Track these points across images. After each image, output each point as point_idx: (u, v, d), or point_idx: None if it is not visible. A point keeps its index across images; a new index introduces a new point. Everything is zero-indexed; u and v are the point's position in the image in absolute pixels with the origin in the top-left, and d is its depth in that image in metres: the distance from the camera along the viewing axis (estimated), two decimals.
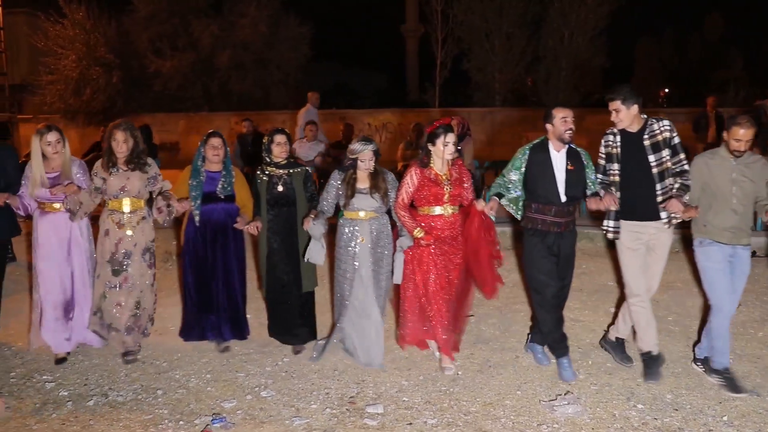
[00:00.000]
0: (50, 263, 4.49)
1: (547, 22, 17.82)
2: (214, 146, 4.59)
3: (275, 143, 4.60)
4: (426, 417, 3.74)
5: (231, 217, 4.65)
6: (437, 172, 4.33)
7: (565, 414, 3.75)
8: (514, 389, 4.10)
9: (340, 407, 3.86)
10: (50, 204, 4.47)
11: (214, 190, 4.60)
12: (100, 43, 17.89)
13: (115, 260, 4.48)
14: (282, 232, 4.62)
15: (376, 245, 4.43)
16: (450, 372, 4.29)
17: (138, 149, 4.54)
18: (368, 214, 4.40)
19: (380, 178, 4.42)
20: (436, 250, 4.34)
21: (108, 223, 4.51)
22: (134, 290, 4.53)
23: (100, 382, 4.19)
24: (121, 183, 4.47)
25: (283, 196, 4.60)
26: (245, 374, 4.32)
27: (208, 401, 3.92)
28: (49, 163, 4.47)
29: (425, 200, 4.36)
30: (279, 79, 19.23)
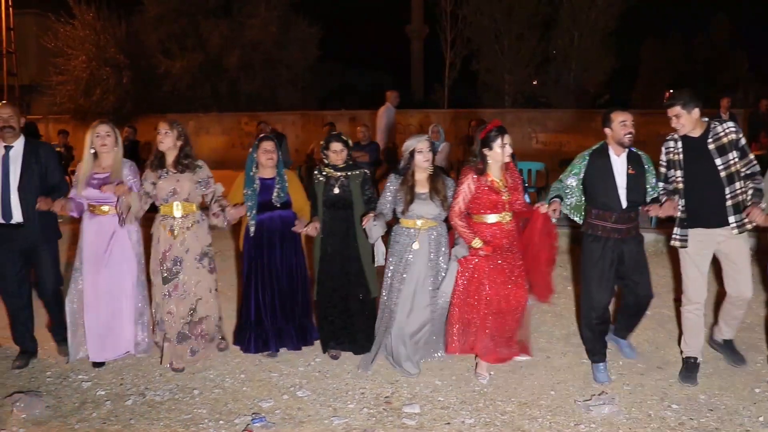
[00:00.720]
0: (95, 267, 4.38)
1: (556, 23, 17.84)
2: (267, 150, 4.45)
3: (331, 150, 4.50)
4: (463, 417, 3.76)
5: (287, 225, 4.54)
6: (494, 178, 4.17)
7: (602, 414, 3.77)
8: (548, 389, 4.12)
9: (376, 407, 3.88)
10: (99, 206, 4.39)
11: (270, 198, 4.47)
12: (110, 43, 17.97)
13: (165, 268, 4.36)
14: (337, 235, 4.50)
15: (436, 255, 4.29)
16: (484, 380, 4.22)
17: (186, 150, 4.41)
18: (427, 222, 4.25)
19: (440, 180, 4.27)
20: (492, 261, 4.17)
21: (159, 230, 4.40)
22: (188, 298, 4.38)
23: (136, 382, 4.21)
24: (171, 186, 4.34)
25: (340, 199, 4.48)
26: (279, 374, 4.34)
27: (245, 401, 3.94)
28: (100, 163, 4.39)
29: (482, 208, 4.18)
30: (288, 79, 19.27)
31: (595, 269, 4.22)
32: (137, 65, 18.35)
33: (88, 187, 4.35)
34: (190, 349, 4.44)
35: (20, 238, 4.33)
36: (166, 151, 4.39)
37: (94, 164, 4.38)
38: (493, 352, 4.23)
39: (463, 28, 18.73)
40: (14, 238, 4.32)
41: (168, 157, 4.41)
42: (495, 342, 4.22)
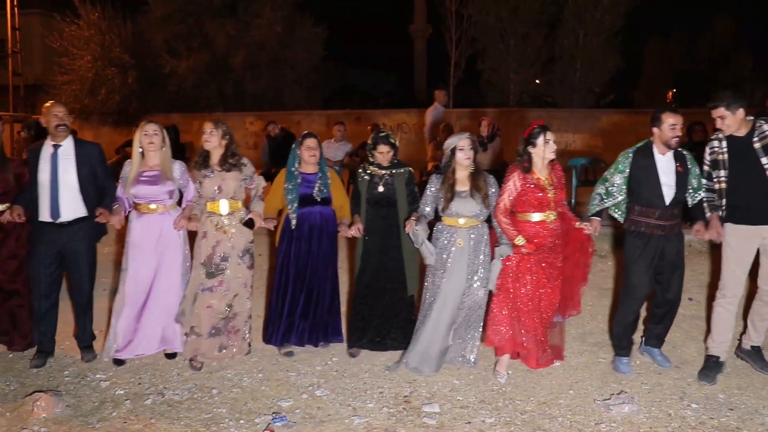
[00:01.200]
0: (141, 265, 4.40)
1: (562, 22, 17.81)
2: (310, 147, 4.49)
3: (378, 151, 4.50)
4: (483, 416, 3.76)
5: (327, 221, 4.56)
6: (539, 176, 4.18)
7: (622, 413, 3.76)
8: (566, 389, 4.12)
9: (396, 406, 3.88)
10: (146, 204, 4.39)
11: (311, 192, 4.50)
12: (115, 43, 17.95)
13: (212, 263, 4.38)
14: (380, 233, 4.51)
15: (476, 254, 4.25)
16: (502, 379, 4.23)
17: (232, 148, 4.41)
18: (468, 221, 4.22)
19: (481, 178, 4.24)
20: (536, 259, 4.18)
21: (206, 226, 4.40)
22: (228, 293, 4.42)
23: (154, 381, 4.21)
24: (216, 184, 4.36)
25: (384, 197, 4.49)
26: (296, 373, 4.34)
27: (264, 400, 3.94)
28: (147, 161, 4.39)
29: (527, 206, 4.19)
30: (293, 79, 19.26)
31: (637, 264, 4.26)
32: (142, 65, 18.32)
33: (136, 185, 4.35)
34: (220, 345, 4.46)
35: (63, 238, 4.31)
36: (212, 150, 4.40)
37: (142, 163, 4.39)
38: (534, 353, 4.28)
39: (468, 27, 18.70)
40: (56, 237, 4.30)
41: (213, 155, 4.41)
42: (537, 344, 4.27)
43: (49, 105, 4.36)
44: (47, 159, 4.28)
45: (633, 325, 4.43)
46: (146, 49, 18.66)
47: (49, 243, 4.31)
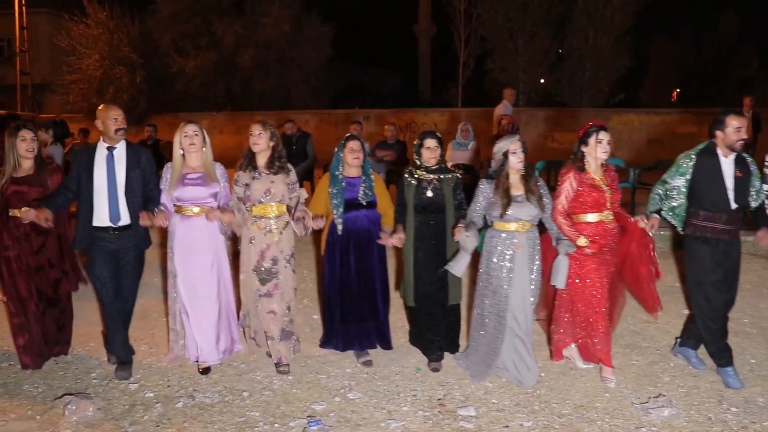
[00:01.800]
0: (189, 268, 4.28)
1: (571, 21, 17.74)
2: (353, 149, 4.35)
3: (425, 147, 4.35)
4: (520, 419, 3.70)
5: (373, 225, 4.43)
6: (593, 176, 4.11)
7: (661, 417, 3.70)
8: (602, 392, 4.06)
9: (431, 409, 3.83)
10: (189, 207, 4.26)
11: (356, 196, 4.38)
12: (123, 42, 17.94)
13: (262, 268, 4.29)
14: (428, 239, 4.37)
15: (532, 258, 4.14)
16: (611, 384, 4.12)
17: (279, 150, 4.32)
18: (524, 224, 4.07)
19: (533, 180, 4.13)
20: (595, 259, 4.12)
21: (253, 230, 4.29)
22: (285, 296, 4.36)
23: (183, 384, 4.16)
24: (265, 187, 4.25)
25: (432, 202, 4.34)
26: (327, 376, 4.28)
27: (297, 403, 3.89)
28: (188, 163, 4.28)
29: (584, 207, 4.12)
30: (300, 78, 19.21)
31: (713, 274, 4.13)
32: (150, 64, 18.31)
33: (179, 188, 4.24)
34: (293, 348, 4.46)
35: (115, 243, 4.19)
36: (259, 153, 4.29)
37: (183, 164, 4.28)
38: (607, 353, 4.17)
39: (477, 26, 18.63)
40: (109, 243, 4.18)
41: (260, 158, 4.31)
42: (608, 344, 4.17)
43: (103, 108, 4.19)
44: (102, 162, 4.14)
45: (724, 331, 4.23)
46: (154, 48, 18.65)
47: (105, 247, 4.18)
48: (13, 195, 4.22)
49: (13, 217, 4.23)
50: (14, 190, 4.22)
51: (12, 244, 4.26)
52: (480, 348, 4.25)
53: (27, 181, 4.25)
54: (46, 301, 4.37)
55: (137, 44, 18.25)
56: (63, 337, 4.54)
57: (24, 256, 4.26)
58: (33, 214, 4.07)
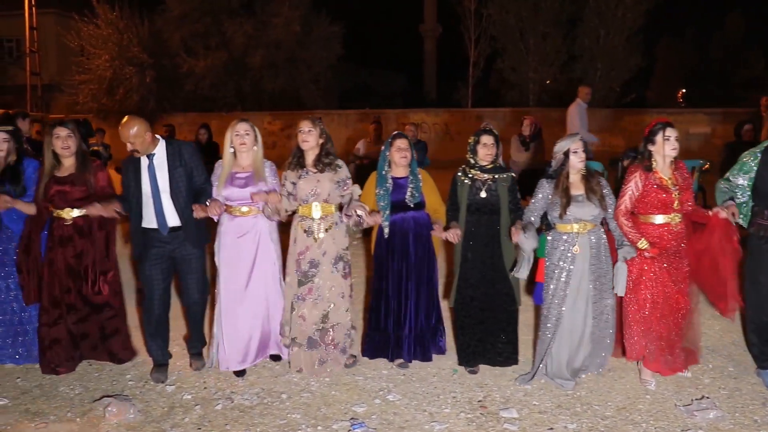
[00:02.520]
0: (237, 270, 4.22)
1: (583, 21, 17.70)
2: (401, 148, 4.25)
3: (481, 144, 4.21)
4: (564, 422, 3.67)
5: (421, 227, 4.33)
6: (662, 176, 4.00)
7: (707, 419, 3.66)
8: (642, 393, 4.02)
9: (472, 411, 3.79)
10: (238, 207, 4.20)
11: (403, 198, 4.27)
12: (133, 42, 17.94)
13: (300, 270, 4.21)
14: (481, 241, 4.24)
15: (597, 259, 4.03)
16: (651, 386, 4.08)
17: (328, 147, 4.23)
18: (586, 225, 3.98)
19: (594, 180, 4.03)
20: (660, 264, 4.02)
21: (297, 231, 4.24)
22: (320, 302, 4.20)
23: (220, 386, 4.12)
24: (311, 186, 4.16)
25: (486, 203, 4.21)
26: (363, 378, 4.24)
27: (337, 405, 3.85)
28: (239, 162, 4.21)
29: (650, 207, 4.01)
30: (310, 78, 19.19)
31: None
32: (160, 64, 18.30)
33: (228, 187, 4.18)
34: (319, 359, 4.25)
35: (171, 244, 4.15)
36: (308, 150, 4.21)
37: (234, 163, 4.22)
38: (658, 359, 4.08)
39: (488, 26, 18.60)
40: (164, 244, 4.13)
41: (308, 156, 4.22)
42: (659, 348, 4.07)
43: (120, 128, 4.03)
44: (146, 170, 4.08)
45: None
46: (164, 48, 18.64)
47: (158, 249, 4.14)
48: (56, 195, 4.16)
49: (57, 218, 4.20)
50: (57, 190, 4.15)
51: (54, 245, 4.21)
52: (557, 352, 4.13)
53: (69, 181, 4.17)
54: (90, 306, 4.30)
55: (147, 44, 18.25)
56: (115, 344, 4.40)
57: (66, 258, 4.21)
58: (99, 207, 4.04)
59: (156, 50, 18.37)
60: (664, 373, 4.15)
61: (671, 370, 4.17)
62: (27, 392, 4.04)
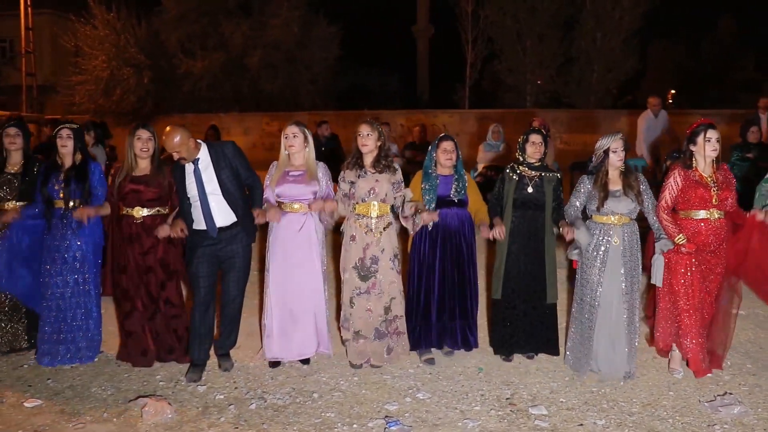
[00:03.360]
0: (285, 265, 4.35)
1: (580, 23, 17.85)
2: (446, 150, 4.42)
3: (530, 142, 4.45)
4: (593, 418, 3.74)
5: (463, 223, 4.48)
6: (701, 173, 4.18)
7: (731, 414, 3.75)
8: (665, 390, 4.11)
9: (502, 408, 3.86)
10: (290, 204, 4.33)
11: (448, 193, 4.44)
12: (130, 43, 17.87)
13: (363, 266, 4.36)
14: (524, 235, 4.44)
15: (630, 251, 4.21)
16: (679, 375, 4.27)
17: (385, 149, 4.39)
18: (622, 218, 4.19)
19: (632, 176, 4.23)
20: (696, 259, 4.16)
21: (354, 228, 4.38)
22: (383, 296, 4.38)
23: (251, 386, 4.17)
24: (370, 186, 4.33)
25: (533, 199, 4.42)
26: (391, 376, 4.31)
27: (369, 404, 3.91)
28: (293, 161, 4.36)
29: (689, 203, 4.18)
30: (308, 79, 19.20)
31: None
32: (158, 65, 18.24)
33: (282, 184, 4.33)
34: (387, 347, 4.44)
35: (219, 242, 4.22)
36: (367, 153, 4.37)
37: (288, 163, 4.38)
38: (697, 354, 4.20)
39: (485, 27, 18.69)
40: (213, 242, 4.21)
41: (367, 157, 4.39)
42: (699, 345, 4.20)
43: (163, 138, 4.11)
44: (191, 174, 4.17)
45: None
46: (161, 49, 18.58)
47: (206, 247, 4.22)
48: (130, 194, 4.30)
49: (126, 215, 4.32)
50: (131, 189, 4.30)
51: (122, 242, 4.34)
52: (577, 341, 4.33)
53: (144, 181, 4.32)
54: (157, 303, 4.41)
55: (144, 45, 18.19)
56: (180, 344, 4.48)
57: (134, 255, 4.33)
58: (167, 229, 4.21)
59: (153, 51, 18.32)
60: (694, 365, 4.24)
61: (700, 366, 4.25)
62: (59, 393, 4.06)
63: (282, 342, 4.42)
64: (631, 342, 4.25)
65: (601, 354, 4.24)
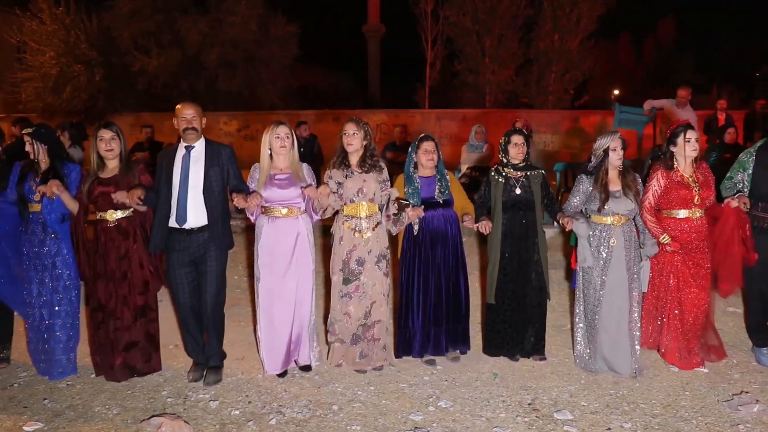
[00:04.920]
0: (275, 273, 4.19)
1: (538, 24, 18.13)
2: (428, 150, 4.35)
3: (512, 143, 4.43)
4: (618, 421, 3.73)
5: (450, 224, 4.41)
6: (683, 174, 4.29)
7: (751, 413, 3.81)
8: (680, 390, 4.15)
9: (527, 414, 3.81)
10: (277, 209, 4.17)
11: (432, 195, 4.37)
12: (81, 39, 17.10)
13: (347, 268, 4.25)
14: (516, 236, 4.41)
15: (629, 250, 4.26)
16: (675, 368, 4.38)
17: (371, 149, 4.27)
18: (621, 218, 4.23)
19: (630, 176, 4.27)
20: (681, 257, 4.30)
21: (342, 230, 4.27)
22: (364, 299, 4.28)
23: (265, 399, 3.98)
24: (358, 186, 4.22)
25: (522, 200, 4.40)
26: (407, 385, 4.20)
27: (393, 415, 3.79)
28: (275, 164, 4.17)
29: (671, 203, 4.30)
30: (267, 78, 18.85)
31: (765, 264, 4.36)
32: (110, 62, 17.54)
33: (269, 188, 4.13)
34: (360, 352, 4.34)
35: (192, 245, 4.06)
36: (353, 152, 4.26)
37: (271, 165, 4.18)
38: (675, 350, 4.34)
39: (445, 28, 18.77)
40: (186, 245, 4.06)
41: (353, 157, 4.28)
42: (678, 342, 4.33)
43: (179, 106, 4.09)
44: (179, 161, 4.04)
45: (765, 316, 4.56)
46: (113, 45, 17.87)
47: (181, 251, 4.07)
48: (100, 197, 4.08)
49: (101, 220, 4.11)
50: (101, 192, 4.08)
51: (97, 248, 4.11)
52: (584, 342, 4.38)
53: (114, 182, 4.08)
54: (134, 309, 4.17)
55: (95, 41, 17.46)
56: (158, 353, 4.33)
57: (109, 261, 4.10)
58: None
59: (105, 48, 17.59)
60: (680, 366, 4.40)
61: (688, 365, 4.40)
62: (60, 414, 3.79)
63: (279, 353, 4.27)
64: (635, 339, 4.31)
65: (608, 353, 4.29)
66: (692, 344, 4.39)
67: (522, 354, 4.57)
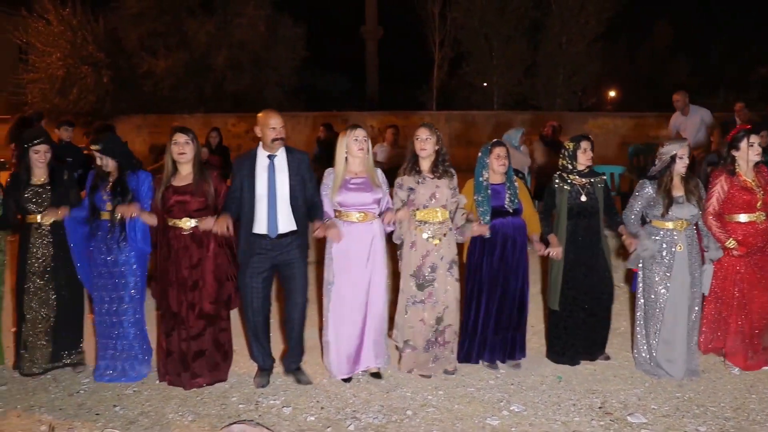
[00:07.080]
0: (349, 278, 4.14)
1: (546, 27, 18.19)
2: (500, 155, 4.33)
3: (581, 149, 4.39)
4: (693, 424, 3.75)
5: (519, 232, 4.40)
6: (745, 178, 4.31)
7: None
8: (745, 392, 4.17)
9: (601, 418, 3.82)
10: (351, 213, 4.11)
11: (503, 204, 4.35)
12: (88, 41, 16.97)
13: (420, 274, 4.22)
14: (580, 243, 4.41)
15: (692, 254, 4.28)
16: (736, 371, 4.39)
17: (443, 154, 4.23)
18: (684, 223, 4.25)
19: (692, 183, 4.28)
20: (745, 261, 4.32)
21: (415, 235, 4.23)
22: (437, 305, 4.24)
23: (336, 405, 3.97)
24: (431, 191, 4.19)
25: (587, 206, 4.39)
26: (475, 389, 4.20)
27: (470, 420, 3.79)
28: (352, 168, 4.12)
29: (735, 208, 4.33)
30: (274, 80, 18.79)
31: None
32: (117, 64, 17.41)
33: (344, 192, 4.09)
34: (434, 357, 4.32)
35: (277, 250, 4.04)
36: (425, 157, 4.22)
37: (346, 170, 4.14)
38: (741, 353, 4.35)
39: (452, 30, 18.79)
40: (270, 249, 4.03)
41: (425, 162, 4.24)
42: (744, 344, 4.35)
43: (263, 115, 4.03)
44: (264, 170, 4.00)
45: None
46: (121, 47, 17.76)
47: (263, 255, 4.04)
48: (175, 205, 4.02)
49: (174, 227, 4.05)
50: (176, 201, 4.01)
51: (170, 255, 4.07)
52: (645, 345, 4.41)
53: (189, 191, 4.03)
54: (205, 318, 4.13)
55: (102, 43, 17.33)
56: (225, 362, 4.28)
57: (181, 269, 4.05)
58: (211, 222, 3.93)
59: (112, 49, 17.47)
60: (744, 367, 4.41)
61: (756, 365, 4.42)
62: (134, 421, 3.76)
63: (348, 358, 4.24)
64: (694, 342, 4.35)
65: (668, 356, 4.31)
66: (757, 345, 4.42)
67: (585, 358, 4.57)
